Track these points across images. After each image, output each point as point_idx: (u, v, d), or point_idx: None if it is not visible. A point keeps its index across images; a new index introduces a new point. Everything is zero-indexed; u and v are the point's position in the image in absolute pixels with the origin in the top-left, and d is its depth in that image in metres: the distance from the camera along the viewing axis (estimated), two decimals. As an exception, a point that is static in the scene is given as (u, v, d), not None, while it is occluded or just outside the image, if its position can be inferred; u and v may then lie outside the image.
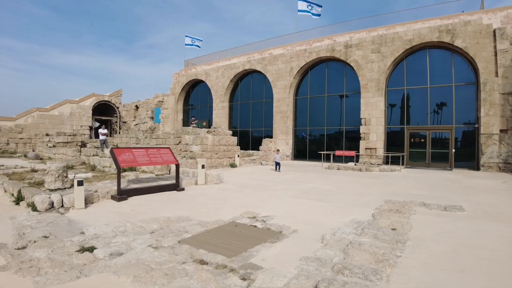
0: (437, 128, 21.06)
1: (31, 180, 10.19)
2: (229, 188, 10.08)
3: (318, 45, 24.54)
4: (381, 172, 17.26)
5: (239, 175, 13.83)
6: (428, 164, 20.98)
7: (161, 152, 9.24)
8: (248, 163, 18.34)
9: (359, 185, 11.84)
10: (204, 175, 10.38)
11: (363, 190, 10.65)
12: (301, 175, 14.72)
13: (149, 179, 10.38)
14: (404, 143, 21.94)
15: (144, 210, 7.28)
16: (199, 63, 32.95)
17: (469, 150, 20.33)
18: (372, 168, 17.89)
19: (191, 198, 8.54)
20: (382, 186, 11.66)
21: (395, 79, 22.33)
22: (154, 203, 7.87)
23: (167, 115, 34.72)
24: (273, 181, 12.14)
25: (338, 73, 24.51)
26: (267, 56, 27.00)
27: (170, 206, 7.67)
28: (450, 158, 20.32)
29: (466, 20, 19.53)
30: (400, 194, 9.96)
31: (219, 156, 16.11)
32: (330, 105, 24.75)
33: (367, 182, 12.75)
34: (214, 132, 15.95)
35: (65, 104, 34.81)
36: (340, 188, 10.93)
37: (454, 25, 19.72)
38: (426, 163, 21.06)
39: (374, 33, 22.47)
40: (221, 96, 29.95)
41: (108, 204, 7.66)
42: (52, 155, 21.82)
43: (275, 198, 8.83)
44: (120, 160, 7.90)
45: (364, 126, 22.33)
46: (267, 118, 27.49)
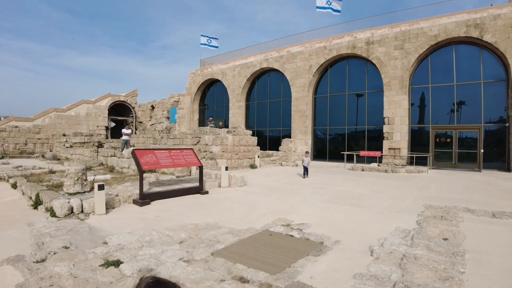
0: (464, 127, 20.08)
1: (49, 182, 9.83)
2: (255, 192, 9.51)
3: (338, 42, 23.78)
4: (408, 174, 16.47)
5: (261, 177, 13.26)
6: (455, 165, 20.04)
7: (184, 153, 8.74)
8: (267, 164, 17.76)
9: (391, 188, 11.13)
10: (227, 178, 9.85)
11: (396, 193, 9.96)
12: (326, 177, 14.07)
13: (171, 181, 9.91)
14: (428, 143, 21.05)
15: (169, 215, 6.78)
16: (214, 62, 32.51)
17: (498, 150, 19.31)
18: (398, 169, 17.10)
19: (216, 202, 8.01)
20: (415, 189, 10.93)
21: (419, 76, 21.43)
22: (179, 208, 7.36)
23: (183, 115, 34.40)
24: (299, 184, 11.54)
25: (359, 70, 23.71)
26: (284, 54, 26.35)
27: (195, 211, 7.15)
28: (479, 158, 19.30)
29: (495, 14, 18.49)
30: (438, 198, 9.24)
31: (239, 156, 15.58)
32: (351, 104, 23.96)
33: (398, 184, 12.03)
34: (234, 132, 15.42)
35: (81, 104, 34.83)
36: (372, 191, 10.25)
37: (482, 19, 18.72)
38: (453, 163, 20.12)
39: (396, 29, 21.60)
40: (237, 96, 29.45)
41: (130, 209, 7.18)
42: (69, 156, 21.65)
43: (306, 203, 8.22)
44: (142, 162, 7.42)
45: (387, 126, 21.50)
46: (285, 118, 26.84)
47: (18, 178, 10.29)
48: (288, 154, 18.89)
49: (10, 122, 29.42)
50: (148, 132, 31.11)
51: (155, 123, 38.83)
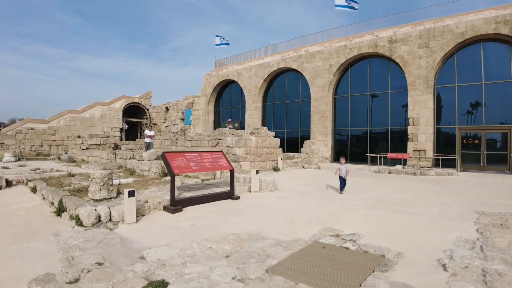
0: (493, 128, 19.16)
1: (70, 186, 9.35)
2: (288, 197, 8.89)
3: (359, 41, 23.05)
4: (438, 177, 15.67)
5: (288, 180, 12.63)
6: (483, 167, 19.13)
7: (214, 156, 8.17)
8: (290, 167, 17.11)
9: (429, 192, 10.40)
10: (258, 182, 9.25)
11: (438, 198, 9.23)
12: (356, 180, 13.36)
13: (198, 185, 9.34)
14: (455, 144, 20.19)
15: (204, 224, 6.20)
16: (229, 63, 32.02)
17: None
18: (427, 172, 16.30)
19: (251, 209, 7.41)
20: (455, 194, 10.18)
21: (445, 75, 20.57)
22: (213, 215, 6.78)
23: (198, 117, 33.98)
24: (331, 188, 10.88)
25: (381, 70, 22.93)
26: (303, 53, 25.70)
27: (232, 219, 6.56)
28: (509, 160, 18.44)
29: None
30: (484, 204, 8.49)
31: (262, 159, 14.97)
32: (373, 104, 23.18)
33: (434, 188, 11.27)
34: (257, 133, 14.82)
35: (96, 106, 34.67)
36: (412, 196, 9.55)
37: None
38: (481, 166, 19.22)
39: (420, 27, 20.80)
40: (254, 96, 28.88)
41: (161, 216, 6.61)
42: (85, 158, 21.31)
43: (349, 210, 7.56)
44: (174, 166, 6.85)
45: (412, 126, 20.68)
46: (304, 119, 26.17)
47: (38, 182, 9.85)
48: (310, 156, 18.21)
49: (26, 124, 29.35)
50: (164, 133, 30.78)
51: (170, 124, 38.48)
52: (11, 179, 10.75)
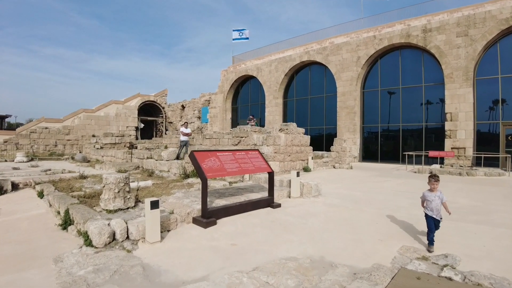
0: None
1: (80, 191, 8.12)
2: (338, 204, 7.43)
3: (389, 31, 21.36)
4: (488, 177, 13.98)
5: (325, 182, 11.16)
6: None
7: (250, 155, 6.77)
8: (320, 166, 15.63)
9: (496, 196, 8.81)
10: (299, 186, 7.84)
11: None
12: (401, 182, 11.82)
13: (228, 189, 7.98)
14: (497, 142, 18.44)
15: (248, 243, 4.81)
16: (247, 58, 30.61)
17: None
18: (473, 172, 14.62)
19: (300, 221, 5.98)
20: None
21: (486, 66, 18.75)
22: (256, 230, 5.38)
23: (215, 114, 32.71)
24: (381, 192, 9.37)
25: (414, 61, 21.20)
26: (327, 45, 24.12)
27: (281, 236, 5.15)
28: None
29: None
30: None
31: (291, 158, 13.53)
32: (405, 99, 21.46)
33: (498, 191, 9.66)
34: (287, 130, 13.38)
35: (111, 104, 33.82)
36: (482, 201, 7.99)
37: None
38: (528, 165, 17.39)
39: (458, 14, 19.02)
40: (274, 92, 27.41)
41: (192, 232, 5.24)
42: (100, 157, 20.25)
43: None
44: (205, 169, 5.48)
45: (449, 122, 18.94)
46: (329, 115, 24.60)
47: (45, 185, 8.66)
48: (341, 155, 16.70)
49: (40, 123, 28.64)
50: (180, 132, 29.59)
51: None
52: (17, 182, 9.62)
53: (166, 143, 24.52)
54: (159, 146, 22.33)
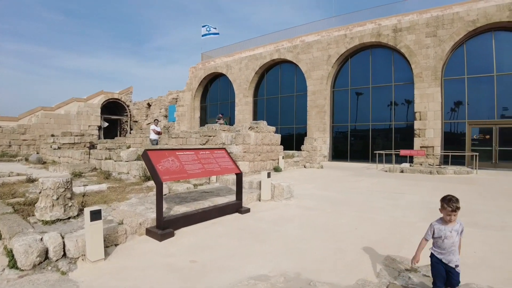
0: (506, 122, 17.81)
1: (22, 197, 7.07)
2: (313, 207, 6.81)
3: (360, 30, 21.24)
4: (457, 175, 13.97)
5: (298, 183, 10.58)
6: (495, 164, 17.76)
7: (216, 155, 5.99)
8: (291, 166, 15.09)
9: (472, 195, 8.54)
10: (270, 188, 7.16)
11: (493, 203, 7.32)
12: (375, 181, 11.46)
13: (191, 193, 7.16)
14: (463, 140, 18.74)
15: (211, 259, 4.05)
16: (217, 55, 29.73)
17: None
18: (443, 170, 14.58)
19: (272, 228, 5.29)
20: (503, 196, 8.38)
21: (453, 67, 19.02)
22: (221, 242, 4.62)
23: (182, 113, 31.56)
24: (358, 193, 8.89)
25: (384, 61, 21.18)
26: (298, 43, 23.71)
27: (250, 247, 4.43)
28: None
29: None
30: None
31: (262, 158, 12.87)
32: (375, 98, 21.41)
33: (471, 190, 9.44)
34: (257, 128, 12.71)
35: (72, 102, 31.87)
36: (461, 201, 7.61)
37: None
38: (493, 163, 17.84)
39: (427, 15, 19.17)
40: (244, 91, 26.71)
41: (144, 246, 4.42)
42: (56, 158, 18.77)
43: (404, 225, 5.56)
44: (161, 171, 4.62)
45: (419, 121, 19.03)
46: (299, 114, 24.21)
47: (-19, 191, 7.51)
48: (312, 155, 16.27)
49: (-9, 121, 26.41)
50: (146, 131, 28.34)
51: (152, 122, 35.91)
52: None
53: (129, 143, 23.24)
54: (121, 146, 21.07)
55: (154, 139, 16.82)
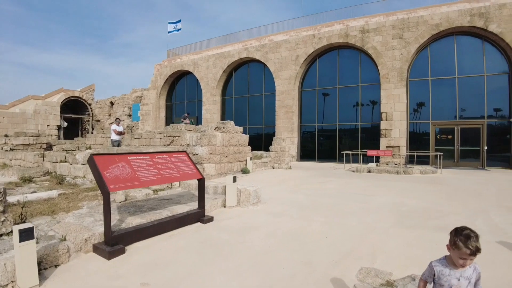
0: (466, 123, 18.49)
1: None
2: (282, 212, 6.44)
3: (328, 30, 21.25)
4: (423, 175, 14.17)
5: (266, 185, 10.22)
6: (457, 163, 18.38)
7: (175, 159, 5.45)
8: (260, 167, 14.73)
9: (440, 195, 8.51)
10: (235, 193, 6.72)
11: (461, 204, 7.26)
12: (343, 182, 11.30)
13: (149, 201, 6.57)
14: (427, 140, 19.25)
15: (167, 279, 3.55)
16: (184, 52, 28.91)
17: (501, 147, 17.88)
18: (409, 170, 14.76)
19: (236, 239, 4.85)
20: (473, 197, 8.37)
21: (418, 68, 19.47)
22: (180, 258, 4.11)
23: (147, 112, 30.45)
24: (326, 195, 8.63)
25: (351, 61, 21.31)
26: (267, 43, 23.42)
27: (212, 263, 3.96)
28: (482, 156, 17.97)
29: (500, 3, 17.08)
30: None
31: (229, 159, 12.40)
32: (343, 98, 21.51)
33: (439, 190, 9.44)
34: (223, 128, 12.22)
35: (29, 100, 29.98)
36: (430, 202, 7.55)
37: (487, 8, 17.26)
38: (455, 162, 18.44)
39: (393, 17, 19.49)
40: (212, 89, 26.08)
41: (89, 266, 3.84)
42: (8, 161, 17.39)
43: (376, 231, 5.29)
44: (108, 179, 4.05)
45: (385, 122, 19.27)
46: (268, 114, 23.94)
47: None
48: (280, 155, 15.99)
49: None
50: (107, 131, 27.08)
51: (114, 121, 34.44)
52: None
53: (90, 144, 22.07)
54: (80, 147, 19.93)
55: (115, 140, 15.83)
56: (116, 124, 15.73)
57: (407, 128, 19.26)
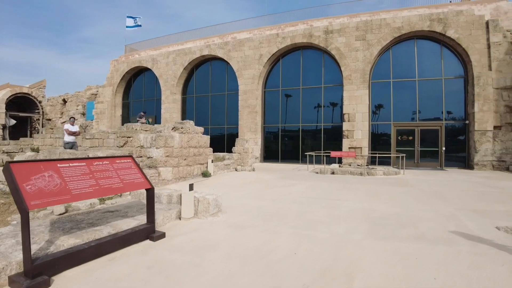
0: (426, 124, 19.05)
1: None
2: (244, 224, 5.76)
3: (292, 30, 20.94)
4: (386, 176, 14.11)
5: (228, 190, 9.52)
6: (417, 163, 18.84)
7: (118, 166, 4.56)
8: (222, 170, 14.00)
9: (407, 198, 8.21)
10: (192, 202, 5.97)
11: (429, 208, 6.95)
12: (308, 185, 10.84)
13: (91, 214, 5.64)
14: (389, 141, 19.52)
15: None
16: (143, 48, 27.50)
17: (458, 147, 18.56)
18: (373, 171, 14.66)
19: (191, 260, 4.11)
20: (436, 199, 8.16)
21: (380, 70, 19.69)
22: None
23: (102, 111, 28.68)
24: (292, 200, 8.07)
25: (315, 62, 21.16)
26: (230, 40, 22.71)
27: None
28: (440, 156, 18.55)
29: (457, 10, 17.75)
30: (489, 212, 6.40)
31: (188, 162, 11.56)
32: (306, 99, 21.31)
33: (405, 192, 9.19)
34: (182, 128, 11.36)
35: (-32, 96, 27.31)
36: (400, 207, 7.19)
37: (445, 14, 17.92)
38: (415, 162, 18.89)
39: (357, 19, 19.61)
40: (172, 87, 24.94)
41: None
42: None
43: (350, 243, 4.76)
44: (27, 193, 3.10)
45: (347, 123, 19.27)
46: (231, 114, 23.24)
47: None
48: (244, 157, 15.35)
49: None
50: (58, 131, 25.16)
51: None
52: None
53: (37, 145, 20.22)
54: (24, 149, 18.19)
55: (68, 141, 14.34)
56: (70, 124, 14.28)
57: (369, 129, 19.38)
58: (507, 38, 16.95)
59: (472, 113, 17.34)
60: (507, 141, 16.75)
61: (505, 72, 16.81)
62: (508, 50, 16.87)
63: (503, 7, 17.47)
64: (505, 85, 16.78)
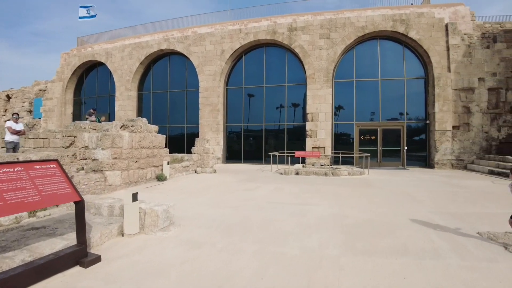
0: (388, 124, 19.10)
1: None
2: (200, 240, 4.85)
3: (256, 26, 20.22)
4: (352, 177, 13.75)
5: (185, 197, 8.56)
6: (380, 163, 18.85)
7: (36, 174, 3.51)
8: (180, 172, 12.95)
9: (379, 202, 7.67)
10: (137, 215, 4.98)
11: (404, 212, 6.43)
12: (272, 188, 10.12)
13: (10, 231, 4.51)
14: (352, 141, 19.42)
15: None
16: (97, 41, 25.61)
17: (419, 147, 18.80)
18: (337, 171, 14.23)
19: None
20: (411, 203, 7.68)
21: (344, 69, 19.50)
22: None
23: (51, 108, 26.42)
24: (256, 206, 7.26)
25: (278, 60, 20.59)
26: (190, 34, 21.58)
27: None
28: (402, 156, 18.72)
29: (419, 12, 18.04)
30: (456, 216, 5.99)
31: (140, 165, 10.43)
32: (269, 98, 20.67)
33: (375, 194, 8.71)
34: (133, 127, 10.22)
35: None
36: (371, 212, 6.63)
37: (408, 15, 18.10)
38: (378, 162, 18.88)
39: (321, 17, 19.28)
40: (127, 83, 23.35)
41: None
42: None
43: (326, 262, 4.03)
44: None
45: (310, 122, 18.87)
46: (191, 112, 22.09)
47: None
48: (204, 158, 14.39)
49: None
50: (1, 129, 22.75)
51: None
52: None
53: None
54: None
55: (11, 141, 12.65)
56: (13, 121, 12.60)
57: (332, 129, 19.13)
58: (464, 41, 17.30)
59: (433, 113, 17.53)
60: (465, 141, 17.08)
61: (463, 74, 17.14)
62: (465, 53, 17.20)
63: (460, 11, 17.84)
64: (463, 86, 17.11)
